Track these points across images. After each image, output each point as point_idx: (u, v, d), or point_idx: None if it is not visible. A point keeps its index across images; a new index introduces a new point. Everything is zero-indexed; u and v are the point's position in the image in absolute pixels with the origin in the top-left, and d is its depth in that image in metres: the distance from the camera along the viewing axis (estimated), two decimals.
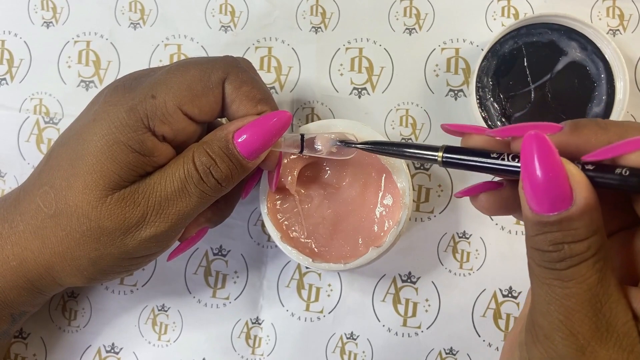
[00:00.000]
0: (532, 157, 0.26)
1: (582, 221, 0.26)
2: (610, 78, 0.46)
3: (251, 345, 0.50)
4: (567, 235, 0.26)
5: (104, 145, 0.37)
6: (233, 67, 0.40)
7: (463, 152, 0.31)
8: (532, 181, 0.26)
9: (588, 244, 0.26)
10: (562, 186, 0.26)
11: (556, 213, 0.26)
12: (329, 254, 0.44)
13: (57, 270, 0.39)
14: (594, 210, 0.26)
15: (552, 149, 0.26)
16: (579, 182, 0.26)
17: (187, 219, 0.39)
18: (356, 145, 0.40)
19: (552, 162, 0.26)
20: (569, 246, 0.26)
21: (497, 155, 0.29)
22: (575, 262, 0.26)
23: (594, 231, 0.26)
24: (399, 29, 0.50)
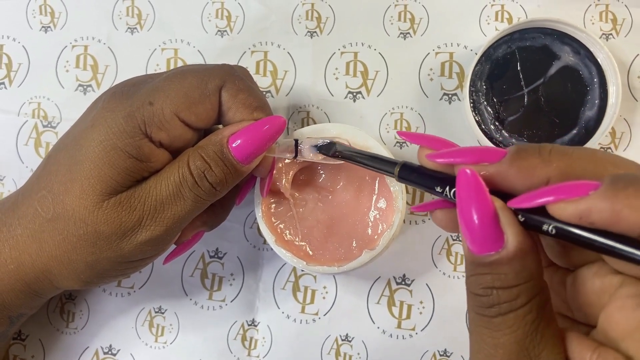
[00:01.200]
0: (464, 197, 0.25)
1: (511, 267, 0.25)
2: (603, 82, 0.47)
3: (247, 347, 0.50)
4: (496, 279, 0.25)
5: (102, 151, 0.37)
6: (230, 75, 0.40)
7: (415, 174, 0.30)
8: (465, 220, 0.25)
9: (517, 292, 0.25)
10: (492, 229, 0.25)
11: (486, 254, 0.25)
12: (323, 256, 0.45)
13: (54, 274, 0.40)
14: (527, 256, 0.25)
15: (482, 189, 0.25)
16: (510, 226, 0.25)
17: (182, 223, 0.39)
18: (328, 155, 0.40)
19: (482, 203, 0.25)
20: (497, 292, 0.25)
21: (440, 190, 0.28)
22: (504, 311, 0.25)
23: (525, 278, 0.25)
24: (394, 33, 0.51)
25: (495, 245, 0.25)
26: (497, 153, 0.26)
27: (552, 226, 0.24)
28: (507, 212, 0.25)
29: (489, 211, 0.25)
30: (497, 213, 0.25)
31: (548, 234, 0.24)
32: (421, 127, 0.50)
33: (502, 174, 0.26)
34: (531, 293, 0.25)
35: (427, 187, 0.29)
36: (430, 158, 0.29)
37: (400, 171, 0.30)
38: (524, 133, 0.47)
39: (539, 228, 0.25)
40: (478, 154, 0.26)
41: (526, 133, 0.47)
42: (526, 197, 0.25)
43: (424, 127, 0.50)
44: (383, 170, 0.33)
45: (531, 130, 0.47)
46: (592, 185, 0.23)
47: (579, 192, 0.23)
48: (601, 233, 0.23)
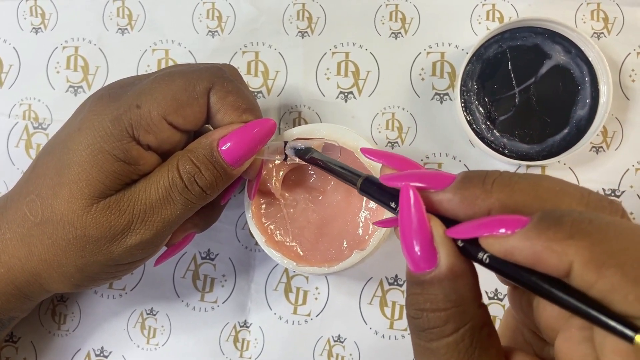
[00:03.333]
0: (403, 212, 0.25)
1: (440, 288, 0.24)
2: (594, 81, 0.46)
3: (239, 348, 0.50)
4: (426, 300, 0.25)
5: (89, 155, 0.37)
6: (218, 77, 0.40)
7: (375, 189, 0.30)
8: (403, 236, 0.25)
9: (446, 317, 0.24)
10: (427, 247, 0.25)
11: (420, 273, 0.25)
12: (314, 257, 0.45)
13: (44, 277, 0.40)
14: (459, 279, 0.25)
15: (419, 206, 0.25)
16: (443, 246, 0.25)
17: (172, 227, 0.39)
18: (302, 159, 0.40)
19: (419, 220, 0.25)
20: (427, 315, 0.25)
21: (394, 207, 0.28)
22: (435, 337, 0.24)
23: (455, 302, 0.24)
24: (385, 33, 0.51)
25: (429, 264, 0.25)
26: (444, 180, 0.26)
27: (486, 256, 0.24)
28: (442, 232, 0.25)
29: (424, 228, 0.25)
30: (432, 231, 0.25)
31: (483, 264, 0.24)
32: (413, 127, 0.50)
33: (446, 202, 0.25)
34: (461, 319, 0.24)
35: (383, 203, 0.29)
36: (382, 180, 0.29)
37: (362, 184, 0.31)
38: (515, 132, 0.47)
39: (475, 256, 0.24)
40: (425, 179, 0.26)
41: (517, 132, 0.47)
42: (461, 228, 0.25)
43: (416, 126, 0.50)
44: (348, 182, 0.33)
45: (522, 129, 0.47)
46: (521, 223, 0.23)
47: (507, 229, 0.23)
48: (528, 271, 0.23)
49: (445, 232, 0.25)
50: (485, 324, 0.25)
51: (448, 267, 0.24)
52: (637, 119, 0.48)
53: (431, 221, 0.25)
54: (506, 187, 0.24)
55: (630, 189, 0.47)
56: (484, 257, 0.24)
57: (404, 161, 0.29)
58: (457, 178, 0.26)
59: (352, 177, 0.32)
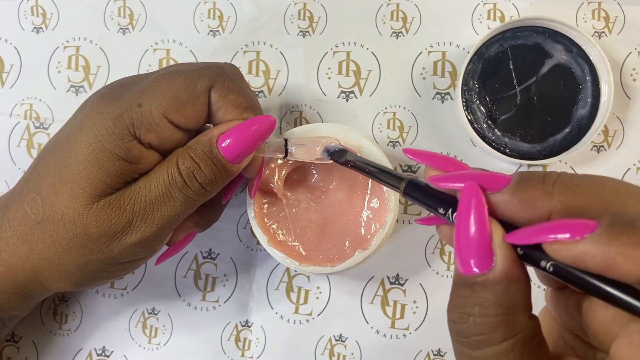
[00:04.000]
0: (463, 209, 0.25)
1: (493, 291, 0.23)
2: (595, 80, 0.47)
3: (241, 347, 0.50)
4: (475, 303, 0.24)
5: (90, 153, 0.37)
6: (219, 76, 0.40)
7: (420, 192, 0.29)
8: (458, 235, 0.25)
9: (495, 323, 0.23)
10: (483, 247, 0.24)
11: (472, 275, 0.24)
12: (316, 257, 0.45)
13: (45, 276, 0.40)
14: (513, 285, 0.24)
15: (482, 204, 0.24)
16: (501, 248, 0.24)
17: (172, 224, 0.39)
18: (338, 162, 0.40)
19: (479, 219, 0.24)
20: (474, 320, 0.24)
21: (443, 212, 0.27)
22: (482, 344, 0.23)
23: (506, 309, 0.23)
24: (386, 32, 0.51)
25: (483, 266, 0.24)
26: (500, 180, 0.25)
27: (549, 264, 0.23)
28: (501, 234, 0.24)
29: (484, 229, 0.24)
30: (491, 232, 0.24)
31: (547, 271, 0.23)
32: (414, 126, 0.50)
33: (503, 204, 0.25)
34: (511, 328, 0.23)
35: (430, 207, 0.28)
36: (432, 182, 0.28)
37: (405, 188, 0.30)
38: (517, 132, 0.47)
39: (537, 264, 0.24)
40: (481, 180, 0.25)
41: (519, 132, 0.47)
42: (523, 233, 0.24)
43: (417, 126, 0.50)
44: (389, 185, 0.32)
45: (524, 129, 0.47)
46: (589, 227, 0.22)
47: (574, 234, 0.22)
48: (598, 277, 0.22)
49: (504, 236, 0.24)
50: (536, 334, 0.24)
51: (504, 272, 0.23)
52: (638, 118, 0.48)
53: (491, 223, 0.24)
54: (568, 189, 0.23)
55: None
56: (548, 265, 0.23)
57: (451, 162, 0.29)
58: (514, 179, 0.25)
59: (393, 180, 0.31)
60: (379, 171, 0.34)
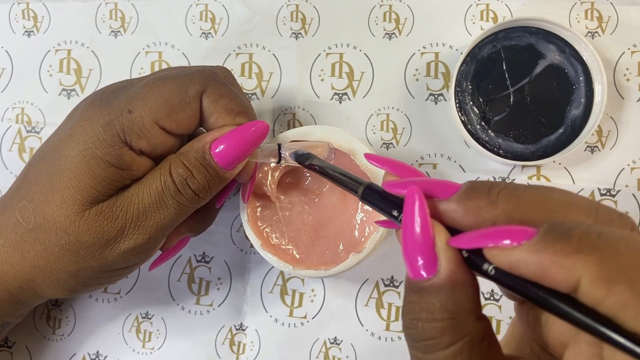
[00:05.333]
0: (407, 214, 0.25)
1: (438, 296, 0.23)
2: (588, 80, 0.46)
3: (235, 351, 0.50)
4: (423, 309, 0.24)
5: (81, 161, 0.37)
6: (211, 80, 0.39)
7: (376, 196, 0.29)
8: (405, 239, 0.25)
9: (442, 329, 0.23)
10: (428, 252, 0.24)
11: (419, 280, 0.24)
12: (310, 260, 0.45)
13: (38, 283, 0.40)
14: (458, 289, 0.24)
15: (424, 210, 0.24)
16: (444, 252, 0.24)
17: (165, 231, 0.39)
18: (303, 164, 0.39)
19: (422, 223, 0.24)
20: (422, 325, 0.24)
21: (397, 215, 0.27)
22: (431, 349, 0.23)
23: (452, 314, 0.23)
24: (379, 33, 0.50)
25: (429, 270, 0.24)
26: (449, 188, 0.25)
27: (491, 267, 0.23)
28: (444, 238, 0.24)
29: (427, 233, 0.24)
30: (434, 238, 0.24)
31: (488, 276, 0.23)
32: (407, 127, 0.49)
33: (450, 212, 0.25)
34: (457, 332, 0.23)
35: (385, 211, 0.28)
36: (385, 186, 0.28)
37: (363, 192, 0.30)
38: (510, 133, 0.47)
39: (479, 267, 0.24)
40: (430, 187, 0.26)
41: (512, 133, 0.47)
42: (465, 237, 0.24)
43: (410, 127, 0.49)
44: (348, 189, 0.33)
45: (517, 130, 0.47)
46: (527, 234, 0.22)
47: (513, 239, 0.22)
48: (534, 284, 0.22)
49: (447, 240, 0.24)
50: (485, 336, 0.24)
51: (448, 275, 0.24)
52: (632, 118, 0.47)
53: (435, 227, 0.24)
54: (512, 198, 0.23)
55: (625, 188, 0.47)
56: (490, 268, 0.23)
57: (408, 169, 0.29)
58: (462, 188, 0.25)
59: (353, 185, 0.32)
60: (340, 176, 0.34)
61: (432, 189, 0.26)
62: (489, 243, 0.23)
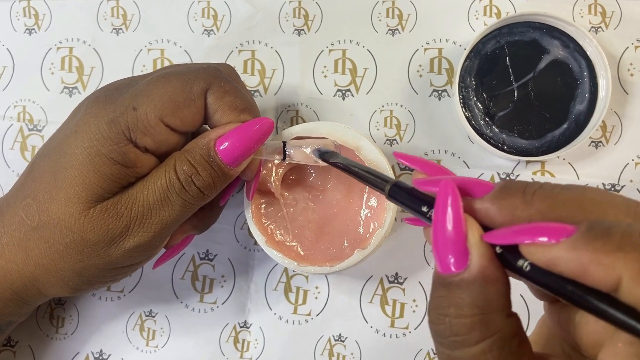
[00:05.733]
0: (439, 207, 0.24)
1: (469, 292, 0.23)
2: (592, 75, 0.46)
3: (239, 349, 0.50)
4: (451, 304, 0.23)
5: (86, 158, 0.37)
6: (215, 77, 0.39)
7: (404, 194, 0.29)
8: (435, 233, 0.24)
9: (471, 325, 0.23)
10: (459, 246, 0.24)
11: (449, 274, 0.24)
12: (315, 256, 0.44)
13: (42, 282, 0.39)
14: (490, 285, 0.23)
15: (457, 202, 0.24)
16: (476, 247, 0.24)
17: (170, 228, 0.39)
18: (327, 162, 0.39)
19: (454, 217, 0.24)
20: (450, 321, 0.23)
21: (426, 211, 0.27)
22: (459, 345, 0.23)
23: (482, 309, 0.23)
24: (382, 30, 0.50)
25: (459, 265, 0.24)
26: (483, 187, 0.25)
27: (527, 263, 0.23)
28: (477, 233, 0.24)
29: (459, 227, 0.24)
30: (467, 231, 0.24)
31: (523, 273, 0.23)
32: (411, 124, 0.49)
33: (484, 211, 0.25)
34: (487, 329, 0.23)
35: (413, 209, 0.28)
36: (416, 184, 0.28)
37: (390, 190, 0.30)
38: (515, 128, 0.46)
39: (514, 264, 0.23)
40: (464, 185, 0.25)
41: (516, 128, 0.46)
42: (500, 233, 0.24)
43: (414, 124, 0.49)
44: (374, 187, 0.32)
45: (521, 125, 0.46)
46: (566, 232, 0.22)
47: (551, 237, 0.22)
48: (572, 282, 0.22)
49: (481, 235, 0.24)
50: (515, 334, 0.24)
51: (479, 270, 0.23)
52: (636, 113, 0.47)
53: (468, 222, 0.24)
54: (548, 198, 0.23)
55: (630, 183, 0.47)
56: (525, 265, 0.23)
57: (438, 168, 0.29)
58: (496, 187, 0.25)
59: (379, 182, 0.31)
60: (366, 173, 0.33)
61: (465, 187, 0.25)
62: (525, 239, 0.23)
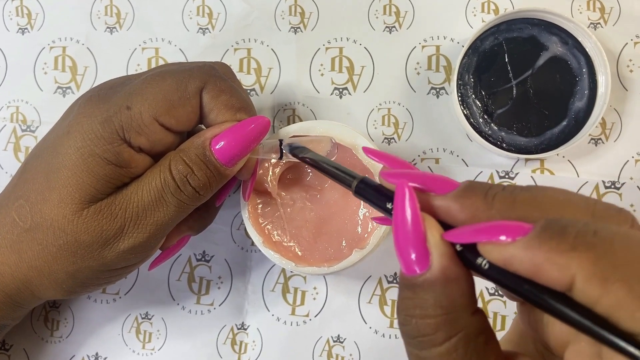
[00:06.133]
0: (397, 208, 0.24)
1: (432, 292, 0.23)
2: (592, 72, 0.46)
3: (237, 351, 0.49)
4: (416, 305, 0.23)
5: (79, 158, 0.36)
6: (211, 76, 0.39)
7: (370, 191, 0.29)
8: (396, 234, 0.24)
9: (436, 325, 0.23)
10: (419, 247, 0.23)
11: (412, 276, 0.24)
12: (313, 257, 0.44)
13: (35, 284, 0.39)
14: (452, 284, 0.23)
15: (414, 204, 0.24)
16: (436, 247, 0.23)
17: (165, 229, 0.38)
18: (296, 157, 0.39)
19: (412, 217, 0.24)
20: (416, 322, 0.23)
21: (390, 208, 0.27)
22: (426, 345, 0.23)
23: (446, 309, 0.23)
24: (379, 27, 0.50)
25: (421, 266, 0.23)
26: (446, 185, 0.25)
27: (485, 262, 0.23)
28: (436, 233, 0.24)
29: (417, 227, 0.24)
30: (425, 232, 0.24)
31: (482, 272, 0.23)
32: (409, 122, 0.49)
33: (445, 208, 0.25)
34: (452, 327, 0.23)
35: (379, 206, 0.28)
36: (382, 174, 0.28)
37: (356, 186, 0.30)
38: (513, 126, 0.46)
39: (473, 263, 0.23)
40: (427, 181, 0.25)
41: (515, 126, 0.46)
42: (460, 231, 0.24)
43: (412, 122, 0.49)
44: (342, 183, 0.32)
45: (520, 123, 0.46)
46: (523, 230, 0.22)
47: (508, 235, 0.22)
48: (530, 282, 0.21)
49: (441, 234, 0.24)
50: (481, 331, 0.24)
51: (440, 270, 0.23)
52: (636, 110, 0.47)
53: (426, 221, 0.24)
54: (508, 199, 0.23)
55: (630, 180, 0.47)
56: (483, 263, 0.23)
57: (405, 165, 0.29)
58: (460, 186, 0.25)
59: (346, 179, 0.31)
60: (334, 169, 0.33)
61: (430, 184, 0.25)
62: (483, 238, 0.22)
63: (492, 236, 0.22)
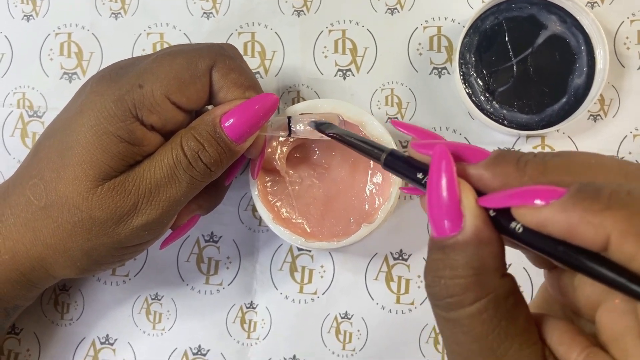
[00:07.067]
0: (433, 171, 0.25)
1: (463, 253, 0.23)
2: (590, 49, 0.47)
3: (246, 329, 0.50)
4: (446, 266, 0.24)
5: (93, 136, 0.37)
6: (220, 55, 0.39)
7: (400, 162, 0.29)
8: (429, 198, 0.25)
9: (465, 285, 0.23)
10: (452, 209, 0.24)
11: (443, 237, 0.24)
12: (321, 233, 0.45)
13: (50, 262, 0.39)
14: (483, 246, 0.24)
15: (450, 166, 0.24)
16: (470, 209, 0.24)
17: (178, 206, 0.39)
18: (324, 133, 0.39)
19: (447, 180, 0.24)
20: (445, 282, 0.24)
21: (422, 177, 0.27)
22: (455, 306, 0.23)
23: (476, 270, 0.23)
24: (381, 9, 0.51)
25: (453, 228, 0.24)
26: (478, 154, 0.26)
27: (519, 225, 0.23)
28: (470, 196, 0.24)
29: (452, 190, 0.24)
30: (460, 194, 0.24)
31: (516, 236, 0.23)
32: (412, 102, 0.50)
33: (478, 176, 0.25)
34: (481, 289, 0.23)
35: (409, 177, 0.28)
36: (412, 146, 0.28)
37: (386, 159, 0.30)
38: (514, 103, 0.47)
39: (507, 227, 0.24)
40: (459, 149, 0.26)
41: (516, 103, 0.47)
42: (494, 197, 0.24)
43: (415, 102, 0.50)
44: (370, 156, 0.32)
45: (521, 100, 0.47)
46: (557, 194, 0.22)
47: (542, 199, 0.22)
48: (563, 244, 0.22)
49: (475, 199, 0.24)
50: (511, 293, 0.24)
51: (473, 232, 0.23)
52: (633, 86, 0.48)
53: (461, 185, 0.24)
54: (539, 166, 0.24)
55: (629, 155, 0.48)
56: (518, 227, 0.23)
57: (434, 136, 0.29)
58: (491, 155, 0.25)
59: (375, 152, 0.31)
60: (362, 143, 0.34)
61: (461, 153, 0.26)
62: (517, 202, 0.23)
63: (526, 200, 0.23)
